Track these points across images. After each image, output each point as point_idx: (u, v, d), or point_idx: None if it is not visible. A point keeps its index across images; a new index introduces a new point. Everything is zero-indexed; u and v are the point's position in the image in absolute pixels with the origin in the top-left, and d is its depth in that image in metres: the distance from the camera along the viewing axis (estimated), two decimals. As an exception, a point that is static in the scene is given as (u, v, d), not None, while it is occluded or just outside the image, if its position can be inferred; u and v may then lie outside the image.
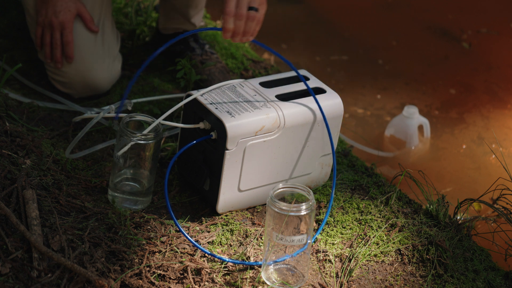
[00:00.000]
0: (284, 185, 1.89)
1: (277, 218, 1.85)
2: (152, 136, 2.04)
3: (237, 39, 2.00)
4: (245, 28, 1.99)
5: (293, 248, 1.88)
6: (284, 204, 1.85)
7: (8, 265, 1.77)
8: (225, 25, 1.98)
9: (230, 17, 1.97)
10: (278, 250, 1.90)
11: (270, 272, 1.94)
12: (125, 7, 3.07)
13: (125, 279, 1.85)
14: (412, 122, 2.93)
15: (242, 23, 1.98)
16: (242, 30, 1.99)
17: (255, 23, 1.99)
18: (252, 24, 1.98)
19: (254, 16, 1.98)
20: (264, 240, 1.94)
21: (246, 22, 1.98)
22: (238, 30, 1.99)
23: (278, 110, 2.11)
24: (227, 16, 1.97)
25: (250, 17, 1.98)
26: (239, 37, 2.00)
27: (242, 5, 1.97)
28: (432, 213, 2.22)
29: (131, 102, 2.35)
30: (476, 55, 3.63)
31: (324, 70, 3.39)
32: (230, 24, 1.98)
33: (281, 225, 1.85)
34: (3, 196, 1.94)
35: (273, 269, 1.94)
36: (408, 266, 2.06)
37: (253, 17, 1.98)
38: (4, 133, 2.17)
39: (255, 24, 1.99)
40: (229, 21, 1.98)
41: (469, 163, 2.93)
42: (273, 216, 1.85)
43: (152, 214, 2.10)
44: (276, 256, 1.90)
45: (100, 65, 2.49)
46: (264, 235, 1.97)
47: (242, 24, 1.98)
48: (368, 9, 3.93)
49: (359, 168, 2.45)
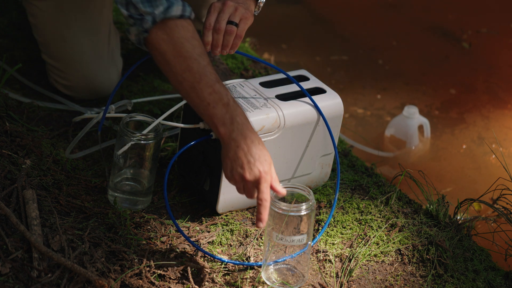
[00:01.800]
0: (284, 185, 1.89)
1: (277, 218, 1.85)
2: (152, 136, 2.04)
3: (216, 52, 2.03)
4: (224, 42, 2.02)
5: (293, 248, 1.88)
6: (284, 204, 1.84)
7: (8, 265, 1.77)
8: (203, 37, 2.01)
9: (208, 30, 2.01)
10: (278, 250, 1.90)
11: (270, 272, 1.94)
12: (125, 7, 3.07)
13: (125, 279, 1.85)
14: (412, 122, 2.93)
15: (220, 37, 2.01)
16: (220, 44, 2.02)
17: (234, 37, 2.02)
18: (230, 38, 2.02)
19: (232, 30, 2.01)
20: (264, 240, 1.94)
21: (224, 36, 2.01)
22: (216, 43, 2.02)
23: (278, 110, 2.11)
24: (205, 29, 2.01)
25: (227, 31, 2.01)
26: (217, 49, 2.03)
27: (221, 19, 2.01)
28: (432, 213, 2.22)
29: (131, 102, 2.35)
30: (476, 55, 3.62)
31: (324, 70, 3.39)
32: (209, 37, 2.01)
33: (281, 225, 1.85)
34: (3, 196, 1.94)
35: (273, 269, 1.94)
36: (408, 266, 2.06)
37: (231, 31, 2.01)
38: (4, 133, 2.17)
39: (234, 38, 2.02)
40: (207, 34, 2.01)
41: (469, 163, 2.93)
42: (273, 216, 1.85)
43: (152, 214, 2.10)
44: (276, 256, 1.90)
45: (105, 71, 2.49)
46: (264, 235, 1.97)
47: (220, 38, 2.01)
48: (368, 9, 3.93)
49: (359, 168, 2.45)
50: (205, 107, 1.82)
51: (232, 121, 1.82)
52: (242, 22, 2.04)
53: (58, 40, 2.45)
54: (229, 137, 1.81)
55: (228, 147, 1.81)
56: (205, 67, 1.84)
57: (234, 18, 2.02)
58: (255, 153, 1.80)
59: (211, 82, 1.82)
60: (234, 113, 1.82)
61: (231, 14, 2.02)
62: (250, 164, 1.79)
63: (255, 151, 1.80)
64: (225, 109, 1.82)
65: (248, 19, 2.05)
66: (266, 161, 1.81)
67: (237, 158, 1.79)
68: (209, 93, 1.81)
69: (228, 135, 1.81)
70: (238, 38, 2.04)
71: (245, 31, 2.06)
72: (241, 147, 1.80)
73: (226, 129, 1.81)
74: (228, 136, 1.81)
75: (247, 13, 2.05)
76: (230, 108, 1.82)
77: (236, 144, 1.80)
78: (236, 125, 1.81)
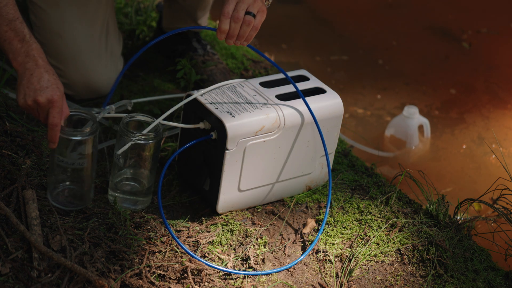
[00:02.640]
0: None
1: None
2: (152, 136, 2.04)
3: (230, 42, 2.02)
4: (240, 32, 2.01)
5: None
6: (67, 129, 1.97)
7: (8, 265, 1.77)
8: (220, 25, 2.00)
9: (226, 18, 2.00)
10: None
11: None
12: (125, 7, 3.07)
13: (125, 279, 1.85)
14: (412, 122, 2.93)
15: (237, 26, 2.00)
16: (237, 33, 2.01)
17: (251, 28, 2.01)
18: (247, 29, 2.01)
19: (250, 21, 2.00)
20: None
21: (242, 26, 2.00)
22: (232, 32, 2.01)
23: (278, 110, 2.11)
24: (223, 17, 2.00)
25: (246, 22, 2.00)
26: (233, 40, 2.02)
27: (240, 9, 1.99)
28: (432, 213, 2.22)
29: (131, 102, 2.35)
30: (476, 55, 3.63)
31: (324, 70, 3.39)
32: (226, 25, 2.00)
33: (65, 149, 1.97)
34: (3, 196, 1.94)
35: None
36: (408, 266, 2.06)
37: (249, 22, 2.00)
38: (4, 133, 2.17)
39: (251, 30, 2.01)
40: (225, 22, 2.00)
41: (469, 163, 2.93)
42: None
43: (152, 214, 2.10)
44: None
45: (102, 67, 2.49)
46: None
47: (237, 27, 2.00)
48: (368, 9, 3.93)
49: (359, 168, 2.45)
50: (2, 43, 1.97)
51: (27, 54, 1.95)
52: (259, 14, 2.03)
53: (55, 37, 2.45)
54: (24, 68, 1.94)
55: (23, 76, 1.95)
56: (1, 8, 1.95)
57: (253, 9, 2.01)
58: (48, 80, 1.93)
59: (6, 21, 1.96)
60: (29, 48, 1.95)
61: (250, 4, 2.01)
62: (43, 88, 1.92)
63: (48, 78, 1.94)
64: (20, 44, 1.95)
65: (264, 13, 2.05)
66: (58, 89, 1.94)
67: (31, 84, 1.92)
68: (4, 31, 1.95)
69: (22, 66, 1.94)
70: (254, 30, 2.03)
71: (261, 24, 2.05)
72: (34, 74, 1.93)
73: (20, 61, 1.95)
74: (23, 67, 1.95)
75: (264, 7, 2.05)
76: (25, 44, 1.95)
77: (30, 73, 1.93)
78: (32, 57, 1.95)
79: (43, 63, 1.95)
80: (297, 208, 2.22)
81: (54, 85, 1.93)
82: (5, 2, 1.97)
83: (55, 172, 2.01)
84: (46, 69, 1.95)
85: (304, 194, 2.27)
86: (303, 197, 2.25)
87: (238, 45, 2.04)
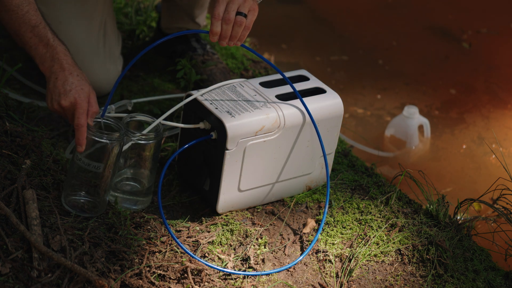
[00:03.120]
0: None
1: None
2: (153, 136, 2.04)
3: (223, 43, 2.03)
4: (232, 33, 2.02)
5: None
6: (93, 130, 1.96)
7: (8, 265, 1.77)
8: (212, 27, 2.01)
9: (217, 20, 2.01)
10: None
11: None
12: (125, 7, 3.07)
13: (125, 279, 1.85)
14: (412, 122, 2.93)
15: (229, 27, 2.01)
16: (229, 35, 2.02)
17: (242, 28, 2.02)
18: (239, 29, 2.01)
19: (241, 21, 2.00)
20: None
21: (234, 27, 2.01)
22: (224, 34, 2.02)
23: (278, 110, 2.11)
24: (214, 19, 2.01)
25: (237, 22, 2.01)
26: (225, 41, 2.03)
27: (231, 10, 2.00)
28: (432, 213, 2.22)
29: (131, 102, 2.35)
30: (476, 55, 3.63)
31: (324, 70, 3.39)
32: (217, 27, 2.01)
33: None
34: (3, 196, 1.94)
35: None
36: (408, 266, 2.06)
37: (241, 22, 2.01)
38: (4, 133, 2.17)
39: (243, 30, 2.02)
40: (216, 24, 2.01)
41: (469, 163, 2.93)
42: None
43: (152, 214, 2.10)
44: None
45: (101, 67, 2.49)
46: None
47: (229, 28, 2.01)
48: (368, 9, 3.93)
49: (359, 168, 2.45)
50: (29, 49, 2.02)
51: (52, 58, 1.99)
52: (250, 14, 2.03)
53: None
54: (50, 72, 1.98)
55: (49, 81, 1.98)
56: (23, 15, 1.99)
57: (243, 9, 2.02)
58: (71, 82, 1.96)
59: (30, 28, 2.00)
60: (53, 52, 1.99)
61: (240, 4, 2.02)
62: (66, 92, 1.95)
63: (72, 81, 1.96)
64: (45, 49, 2.00)
65: (256, 11, 2.05)
66: (82, 90, 1.97)
67: (55, 88, 1.96)
68: (29, 38, 2.00)
69: (48, 70, 1.98)
70: (246, 29, 2.04)
71: (253, 22, 2.05)
72: (59, 78, 1.96)
73: (47, 66, 1.99)
74: (49, 71, 1.98)
75: (255, 4, 2.05)
76: (50, 48, 2.00)
77: (55, 76, 1.97)
78: (57, 61, 1.98)
79: (67, 65, 1.98)
80: (297, 208, 2.22)
81: (78, 87, 1.96)
82: (26, 9, 2.01)
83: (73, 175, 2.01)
84: (70, 71, 1.97)
85: (304, 194, 2.27)
86: (303, 197, 2.25)
87: (232, 45, 2.06)
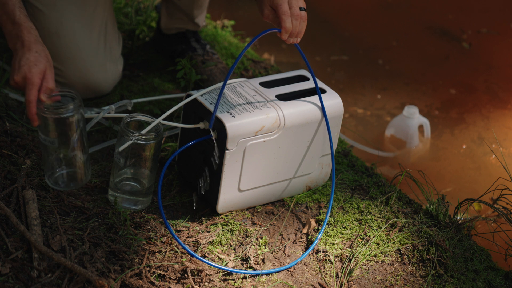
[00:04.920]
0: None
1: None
2: (153, 136, 2.04)
3: (291, 40, 2.03)
4: (299, 28, 2.02)
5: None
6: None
7: (8, 265, 1.77)
8: (285, 25, 2.00)
9: (287, 17, 2.01)
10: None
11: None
12: (125, 7, 3.08)
13: (125, 279, 1.85)
14: (412, 122, 2.93)
15: (298, 23, 2.02)
16: (298, 30, 2.02)
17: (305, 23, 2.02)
18: (304, 24, 2.03)
19: (305, 16, 2.03)
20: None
21: (300, 22, 2.01)
22: (295, 29, 2.03)
23: (278, 110, 2.11)
24: (285, 16, 2.00)
25: (303, 17, 2.02)
26: (299, 37, 2.04)
27: (296, 6, 2.01)
28: (432, 213, 2.22)
29: (131, 102, 2.35)
30: (476, 55, 3.63)
31: (324, 70, 3.39)
32: (289, 23, 2.01)
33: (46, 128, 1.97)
34: (3, 196, 1.94)
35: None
36: (408, 266, 2.06)
37: (305, 17, 2.02)
38: (4, 133, 2.17)
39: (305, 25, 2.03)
40: (287, 21, 2.01)
41: (469, 163, 2.93)
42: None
43: (152, 214, 2.10)
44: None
45: (101, 67, 2.49)
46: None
47: (298, 24, 2.02)
48: (368, 9, 3.93)
49: (359, 168, 2.45)
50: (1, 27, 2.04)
51: (16, 35, 2.00)
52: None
53: (53, 37, 2.45)
54: (14, 49, 2.00)
55: (14, 57, 1.99)
56: None
57: (302, 4, 2.03)
58: (27, 58, 1.95)
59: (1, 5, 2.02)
60: (18, 29, 2.00)
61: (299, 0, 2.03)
62: (20, 67, 1.95)
63: (27, 57, 1.96)
64: (12, 27, 2.01)
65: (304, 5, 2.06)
66: (36, 66, 1.95)
67: (14, 63, 1.97)
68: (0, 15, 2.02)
69: (13, 47, 2.00)
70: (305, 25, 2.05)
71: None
72: (18, 54, 1.97)
73: (12, 43, 2.01)
74: (14, 48, 2.00)
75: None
76: (15, 25, 2.01)
77: (16, 53, 1.99)
78: (19, 38, 1.99)
79: (28, 43, 1.99)
80: (297, 208, 2.22)
81: (32, 63, 1.95)
82: None
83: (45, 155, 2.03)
84: (29, 48, 1.97)
85: (304, 194, 2.27)
86: (303, 197, 2.25)
87: (294, 42, 2.05)
